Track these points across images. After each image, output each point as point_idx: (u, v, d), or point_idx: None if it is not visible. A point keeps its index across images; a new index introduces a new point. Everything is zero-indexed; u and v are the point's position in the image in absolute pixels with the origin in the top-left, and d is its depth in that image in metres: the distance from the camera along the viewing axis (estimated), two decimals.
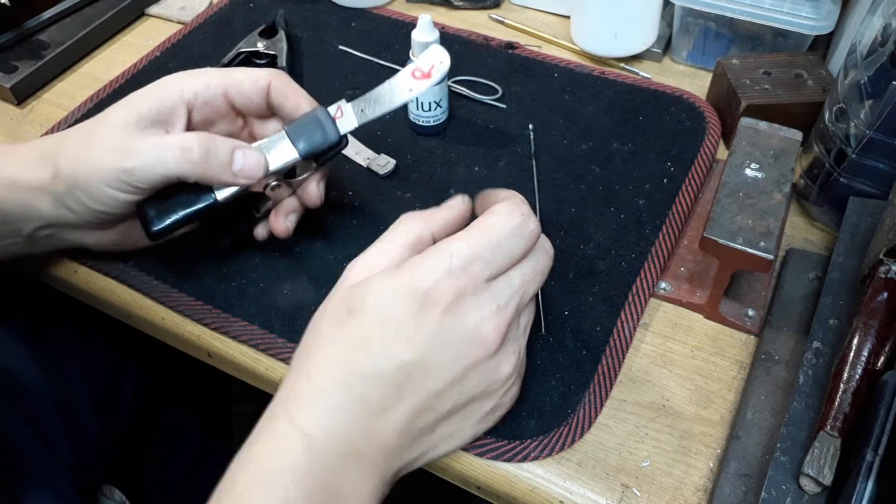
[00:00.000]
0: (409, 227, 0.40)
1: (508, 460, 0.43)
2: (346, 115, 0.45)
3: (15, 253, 0.50)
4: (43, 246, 0.50)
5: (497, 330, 0.37)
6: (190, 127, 0.47)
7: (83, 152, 0.44)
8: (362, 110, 0.45)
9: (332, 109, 0.45)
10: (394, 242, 0.40)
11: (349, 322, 0.37)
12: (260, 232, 0.52)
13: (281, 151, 0.45)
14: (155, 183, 0.44)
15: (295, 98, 0.47)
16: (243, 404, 0.93)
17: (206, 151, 0.43)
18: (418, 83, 0.43)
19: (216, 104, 0.47)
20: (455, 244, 0.37)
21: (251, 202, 0.50)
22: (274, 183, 0.46)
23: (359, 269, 0.39)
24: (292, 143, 0.45)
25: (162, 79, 0.46)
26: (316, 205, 0.50)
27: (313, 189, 0.49)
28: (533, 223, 0.39)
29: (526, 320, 0.41)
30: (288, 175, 0.47)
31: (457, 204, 0.42)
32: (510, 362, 0.39)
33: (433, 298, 0.36)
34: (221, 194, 0.45)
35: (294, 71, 0.68)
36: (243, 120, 0.51)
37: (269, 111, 0.49)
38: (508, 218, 0.38)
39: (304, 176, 0.48)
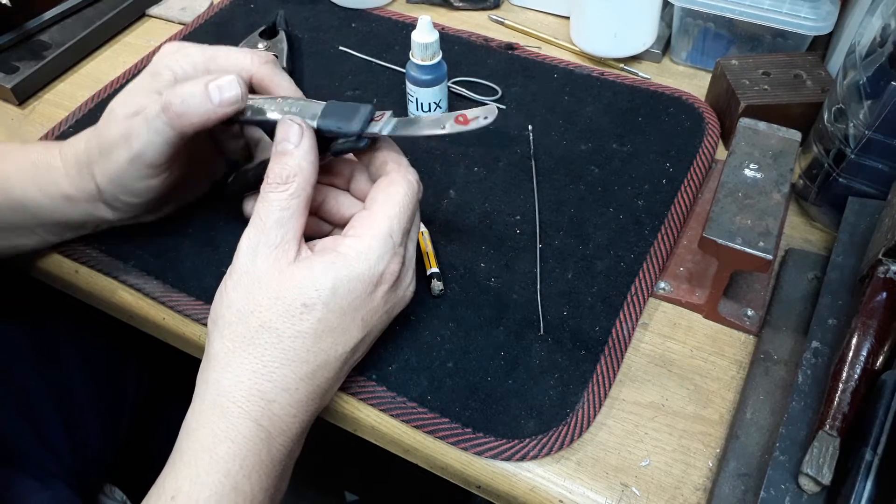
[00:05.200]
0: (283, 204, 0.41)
1: (507, 459, 0.43)
2: (383, 122, 0.44)
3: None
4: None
5: (414, 288, 0.45)
6: None
7: (107, 162, 0.46)
8: (396, 126, 0.44)
9: (378, 113, 0.45)
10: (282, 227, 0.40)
11: (305, 316, 0.39)
12: (248, 208, 0.50)
13: (305, 113, 0.44)
14: (166, 154, 0.45)
15: (277, 93, 0.47)
16: None
17: (182, 99, 0.43)
18: (453, 126, 0.43)
19: None
20: (390, 224, 0.41)
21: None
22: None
23: (266, 253, 0.40)
24: (320, 115, 0.44)
25: (154, 63, 0.47)
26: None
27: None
28: (420, 185, 0.44)
29: None
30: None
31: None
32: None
33: (383, 279, 0.41)
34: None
35: (294, 71, 0.68)
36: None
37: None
38: (410, 186, 0.42)
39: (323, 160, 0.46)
